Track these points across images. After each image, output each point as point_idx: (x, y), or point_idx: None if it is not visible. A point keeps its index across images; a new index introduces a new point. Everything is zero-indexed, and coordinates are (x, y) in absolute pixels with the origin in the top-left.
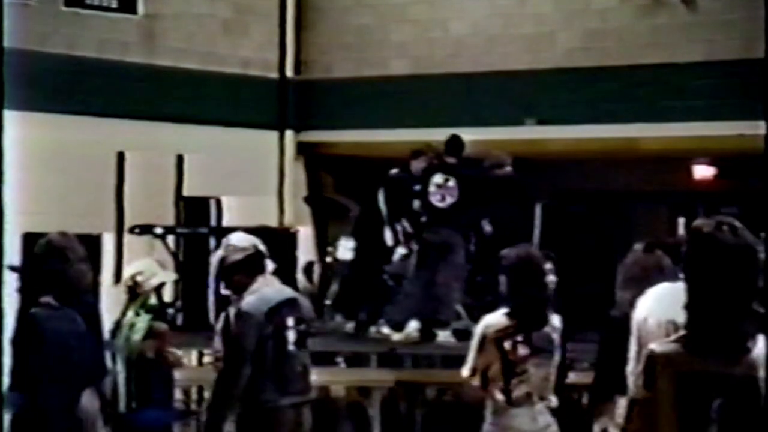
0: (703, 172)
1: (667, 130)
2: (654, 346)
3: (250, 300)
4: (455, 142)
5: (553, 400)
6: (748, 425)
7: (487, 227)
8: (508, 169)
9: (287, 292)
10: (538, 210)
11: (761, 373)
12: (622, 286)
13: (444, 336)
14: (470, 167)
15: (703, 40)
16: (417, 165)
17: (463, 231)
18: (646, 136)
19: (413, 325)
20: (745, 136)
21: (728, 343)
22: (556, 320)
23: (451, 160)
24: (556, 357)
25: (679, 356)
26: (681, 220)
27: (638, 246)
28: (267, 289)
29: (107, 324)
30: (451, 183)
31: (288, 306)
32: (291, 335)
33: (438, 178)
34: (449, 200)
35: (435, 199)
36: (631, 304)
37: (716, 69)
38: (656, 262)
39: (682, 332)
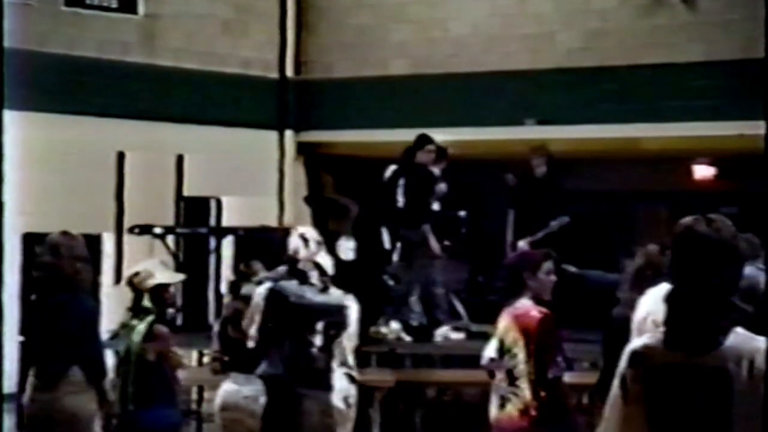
0: (703, 172)
1: (667, 130)
2: (633, 343)
3: (287, 285)
4: (417, 141)
5: (351, 363)
6: (718, 417)
7: (554, 223)
8: (543, 169)
9: (330, 297)
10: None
11: (731, 366)
12: (631, 286)
13: (440, 334)
14: (418, 167)
15: (703, 40)
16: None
17: (420, 229)
18: (646, 136)
19: (395, 327)
20: (746, 136)
21: (700, 337)
22: (350, 300)
23: (415, 160)
24: (351, 330)
25: (655, 350)
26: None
27: (653, 247)
28: (306, 288)
29: (110, 324)
30: (402, 183)
31: (322, 310)
32: (317, 339)
33: (401, 180)
34: (403, 200)
35: (399, 201)
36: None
37: (716, 69)
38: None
39: (662, 328)
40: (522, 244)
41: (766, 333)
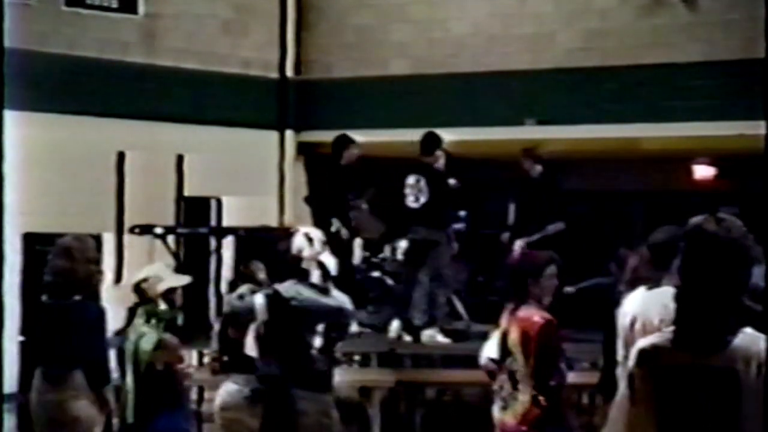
0: (703, 172)
1: (667, 130)
2: (641, 342)
3: (286, 286)
4: (429, 140)
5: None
6: (726, 418)
7: (551, 227)
8: (539, 168)
9: (330, 299)
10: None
11: (739, 366)
12: (631, 286)
13: (428, 335)
14: (433, 168)
15: (703, 40)
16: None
17: (444, 229)
18: (647, 136)
19: (395, 325)
20: (746, 136)
21: (708, 337)
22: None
23: (427, 159)
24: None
25: (663, 350)
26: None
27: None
28: (306, 289)
29: (111, 324)
30: (422, 183)
31: (322, 312)
32: (317, 340)
33: (411, 179)
34: (422, 200)
35: (409, 200)
36: None
37: (716, 69)
38: None
39: (670, 327)
40: (519, 244)
41: (766, 332)
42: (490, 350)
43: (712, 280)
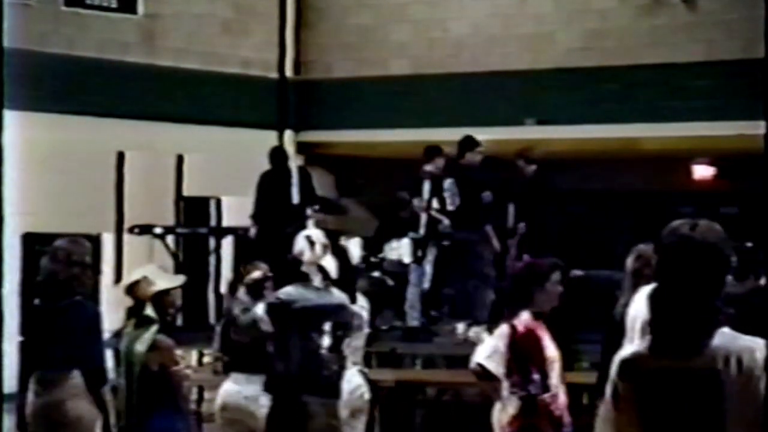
0: (703, 172)
1: (667, 130)
2: (622, 352)
3: (289, 290)
4: (463, 143)
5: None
6: (710, 418)
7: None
8: (533, 167)
9: (332, 297)
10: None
11: (720, 366)
12: (631, 286)
13: (475, 331)
14: (472, 169)
15: (703, 40)
16: (439, 163)
17: (479, 229)
18: (647, 136)
19: (461, 327)
20: (745, 136)
21: (686, 339)
22: (363, 301)
23: (463, 161)
24: (365, 331)
25: (644, 357)
26: None
27: (646, 246)
28: (308, 291)
29: (110, 325)
30: (455, 186)
31: (326, 311)
32: (325, 340)
33: (447, 183)
34: (457, 202)
35: (447, 203)
36: None
37: (716, 69)
38: None
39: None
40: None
41: (766, 336)
42: (479, 355)
43: (686, 283)
